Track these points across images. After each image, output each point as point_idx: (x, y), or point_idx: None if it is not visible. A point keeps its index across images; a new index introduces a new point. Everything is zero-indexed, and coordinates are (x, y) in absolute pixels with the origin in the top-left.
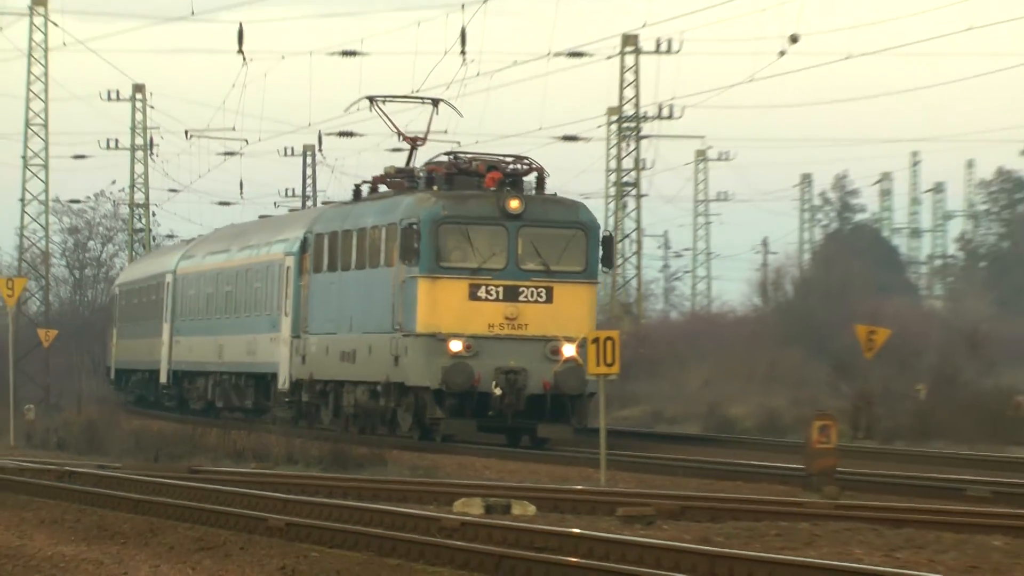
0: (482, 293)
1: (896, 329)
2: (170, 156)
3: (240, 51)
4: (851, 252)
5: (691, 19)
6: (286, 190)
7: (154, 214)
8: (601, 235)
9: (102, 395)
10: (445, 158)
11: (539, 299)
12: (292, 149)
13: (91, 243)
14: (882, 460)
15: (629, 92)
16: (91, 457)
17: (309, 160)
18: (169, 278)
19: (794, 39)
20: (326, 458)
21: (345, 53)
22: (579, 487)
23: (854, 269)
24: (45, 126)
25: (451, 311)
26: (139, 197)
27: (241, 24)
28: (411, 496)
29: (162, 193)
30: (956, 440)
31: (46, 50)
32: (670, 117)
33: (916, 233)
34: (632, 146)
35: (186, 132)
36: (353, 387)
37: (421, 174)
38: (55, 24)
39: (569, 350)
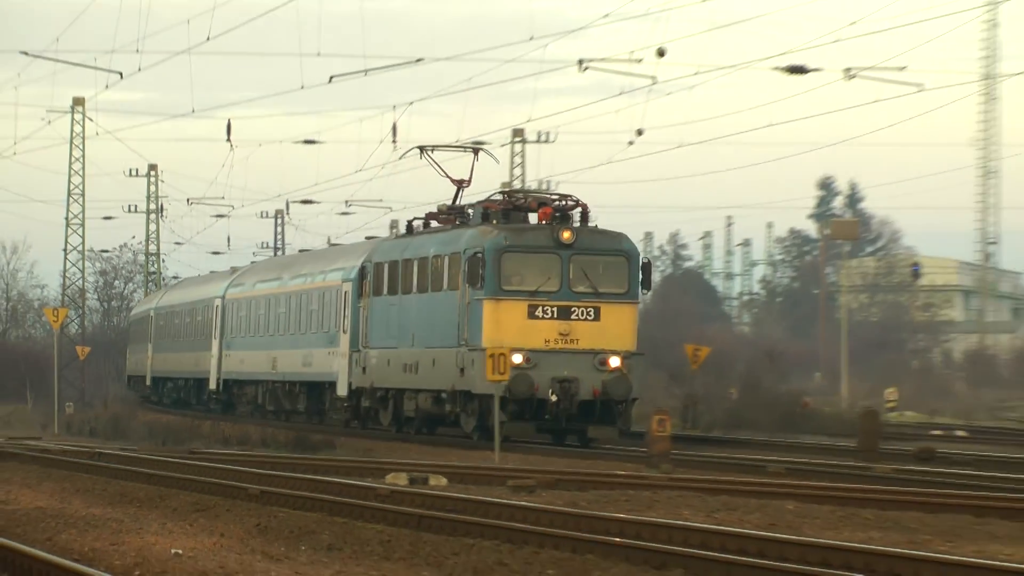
0: (539, 312)
1: (714, 347)
2: (176, 217)
3: (228, 140)
4: (682, 290)
5: (564, 116)
6: (262, 243)
7: (163, 261)
8: (640, 262)
9: (124, 396)
10: (499, 196)
11: (588, 317)
12: (267, 212)
13: (116, 282)
14: (704, 445)
15: (517, 171)
16: (115, 442)
17: (280, 221)
18: (218, 302)
19: (639, 132)
20: (291, 442)
21: (307, 141)
22: (479, 464)
23: (684, 303)
24: (83, 195)
25: (512, 328)
26: (152, 248)
27: (229, 120)
28: (354, 471)
29: (169, 245)
30: (759, 430)
31: (84, 138)
32: (547, 191)
33: (730, 276)
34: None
35: (188, 200)
36: (415, 394)
37: (470, 211)
38: (90, 119)
39: (615, 361)
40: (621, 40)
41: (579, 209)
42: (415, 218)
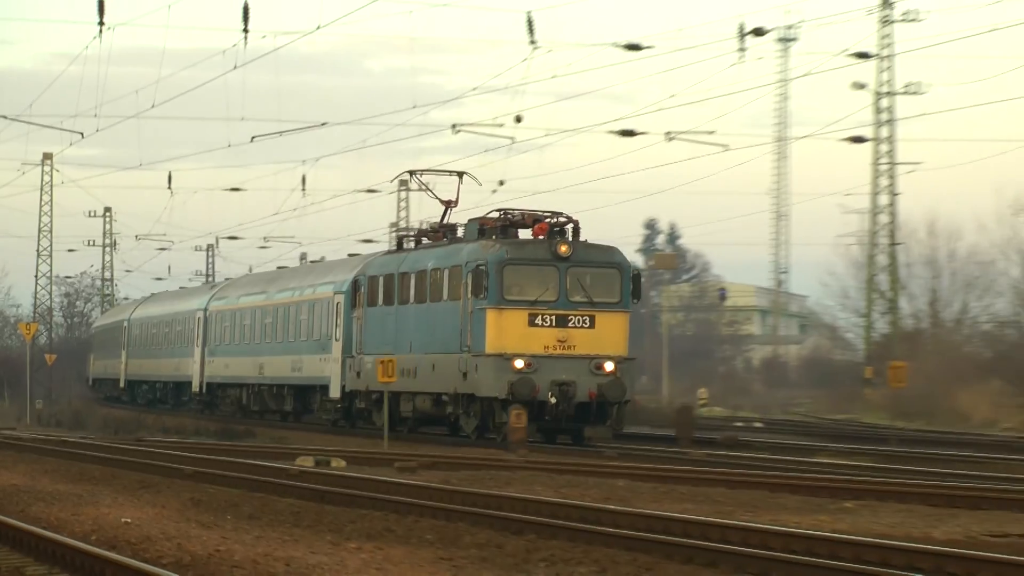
0: (539, 320)
1: None
2: (126, 250)
3: (169, 187)
4: None
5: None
6: (196, 271)
7: (116, 285)
8: (631, 273)
9: (84, 395)
10: (495, 214)
11: (584, 325)
12: (200, 246)
13: (77, 303)
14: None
15: (403, 214)
16: (77, 431)
17: (211, 253)
18: (200, 314)
19: (501, 182)
20: (219, 432)
21: (233, 189)
22: (372, 450)
23: None
24: (51, 232)
25: (514, 335)
26: (107, 275)
27: (170, 172)
28: (271, 455)
29: (121, 272)
30: None
31: (51, 186)
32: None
33: None
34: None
35: (136, 236)
36: (411, 396)
37: (460, 228)
38: (57, 170)
39: (610, 366)
40: (487, 108)
41: (571, 225)
42: (405, 236)
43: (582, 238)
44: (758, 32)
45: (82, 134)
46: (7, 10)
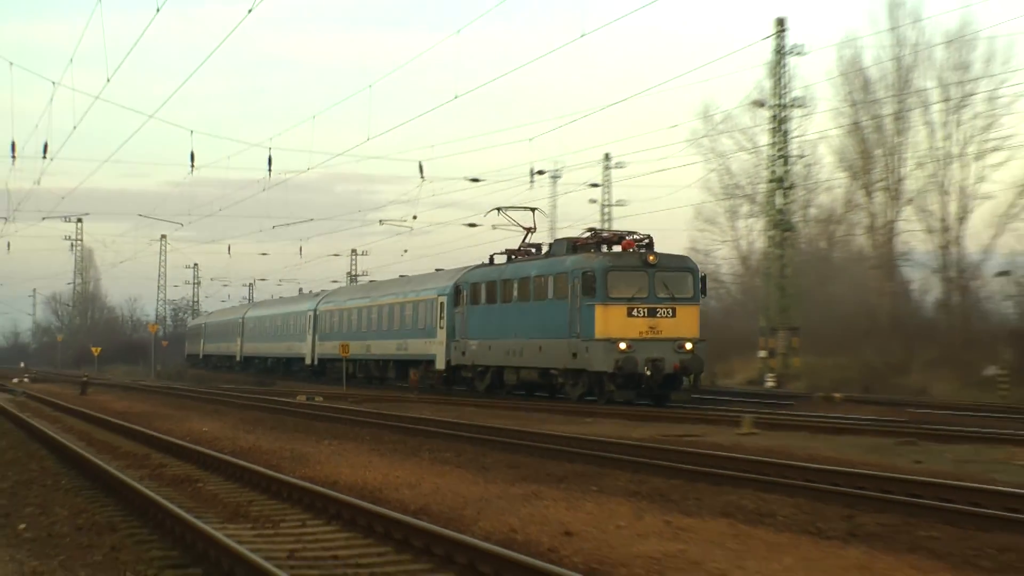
0: (634, 312)
1: None
2: (205, 286)
3: (228, 253)
4: None
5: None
6: (242, 298)
7: (199, 304)
8: (699, 275)
9: (183, 365)
10: (588, 233)
11: (669, 315)
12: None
13: (179, 314)
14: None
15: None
16: (180, 383)
17: (251, 288)
18: (311, 314)
19: (405, 250)
20: (258, 383)
21: (262, 253)
22: (338, 391)
23: None
24: (165, 275)
25: (617, 324)
26: (196, 299)
27: (229, 244)
28: (283, 394)
29: (202, 298)
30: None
31: (166, 252)
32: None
33: None
34: None
35: (211, 278)
36: (515, 370)
37: (544, 246)
38: (169, 243)
39: (689, 345)
40: (399, 211)
41: (648, 240)
42: (497, 253)
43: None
44: (540, 172)
45: (182, 224)
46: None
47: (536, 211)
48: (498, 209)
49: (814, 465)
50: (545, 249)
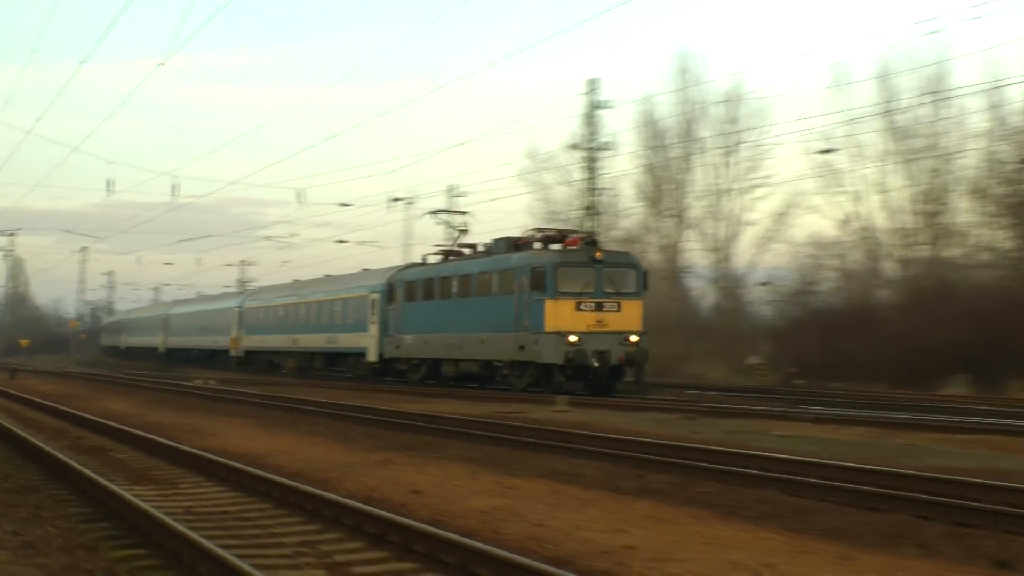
0: (582, 307)
1: None
2: (121, 289)
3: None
4: None
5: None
6: (151, 300)
7: (113, 306)
8: (642, 271)
9: (98, 355)
10: (534, 232)
11: (614, 309)
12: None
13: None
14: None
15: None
16: (94, 369)
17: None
18: (236, 310)
19: (285, 261)
20: (158, 370)
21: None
22: (229, 376)
23: None
24: (85, 281)
25: (566, 318)
26: (111, 301)
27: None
28: (183, 379)
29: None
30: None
31: (86, 263)
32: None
33: None
34: None
35: (124, 284)
36: (455, 363)
37: (486, 244)
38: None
39: (634, 337)
40: (285, 230)
41: (590, 238)
42: (430, 254)
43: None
44: (398, 199)
45: (100, 238)
46: (66, 181)
47: (466, 214)
48: (434, 212)
49: (613, 436)
50: (481, 249)
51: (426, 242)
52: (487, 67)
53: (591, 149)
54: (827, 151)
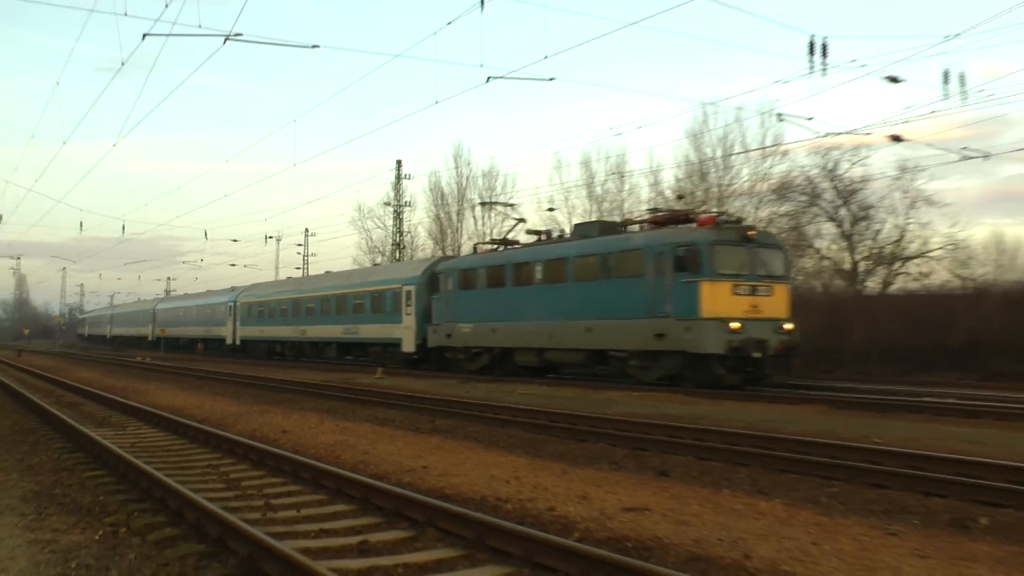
0: (739, 290)
1: None
2: (89, 294)
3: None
4: None
5: None
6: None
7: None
8: (787, 253)
9: (76, 341)
10: (663, 212)
11: (767, 294)
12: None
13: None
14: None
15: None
16: (75, 349)
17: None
18: (231, 304)
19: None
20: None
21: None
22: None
23: None
24: (65, 289)
25: (722, 303)
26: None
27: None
28: (131, 356)
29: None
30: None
31: (66, 274)
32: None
33: None
34: None
35: (91, 292)
36: (537, 352)
37: (553, 232)
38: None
39: (789, 325)
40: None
41: (732, 216)
42: (480, 243)
43: None
44: (271, 237)
45: (75, 262)
46: (49, 224)
47: (516, 206)
48: (483, 203)
49: (415, 394)
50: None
51: (290, 266)
52: (330, 150)
53: (398, 205)
54: (551, 209)
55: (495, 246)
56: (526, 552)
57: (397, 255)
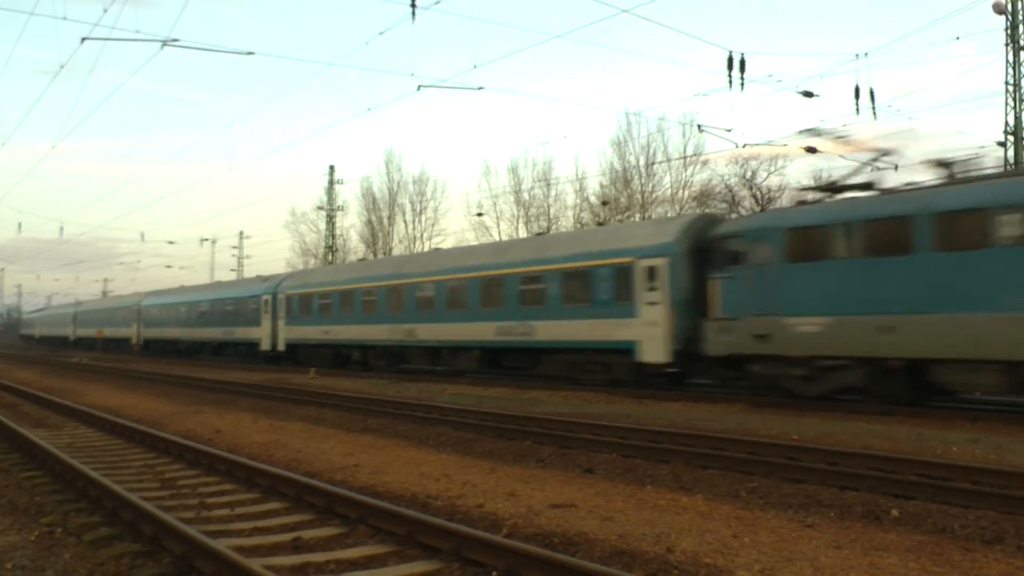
0: None
1: None
2: (27, 296)
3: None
4: None
5: None
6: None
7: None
8: None
9: (16, 342)
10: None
11: None
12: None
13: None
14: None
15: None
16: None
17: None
18: (267, 297)
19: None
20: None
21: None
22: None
23: None
24: (3, 289)
25: None
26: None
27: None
28: (66, 358)
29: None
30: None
31: (4, 275)
32: None
33: None
34: None
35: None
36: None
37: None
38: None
39: None
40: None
41: None
42: (798, 190)
43: None
44: (206, 239)
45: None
46: None
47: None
48: (699, 127)
49: (347, 393)
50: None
51: (224, 268)
52: (268, 154)
53: (331, 210)
54: (480, 214)
55: (821, 195)
56: (455, 548)
57: (330, 258)
